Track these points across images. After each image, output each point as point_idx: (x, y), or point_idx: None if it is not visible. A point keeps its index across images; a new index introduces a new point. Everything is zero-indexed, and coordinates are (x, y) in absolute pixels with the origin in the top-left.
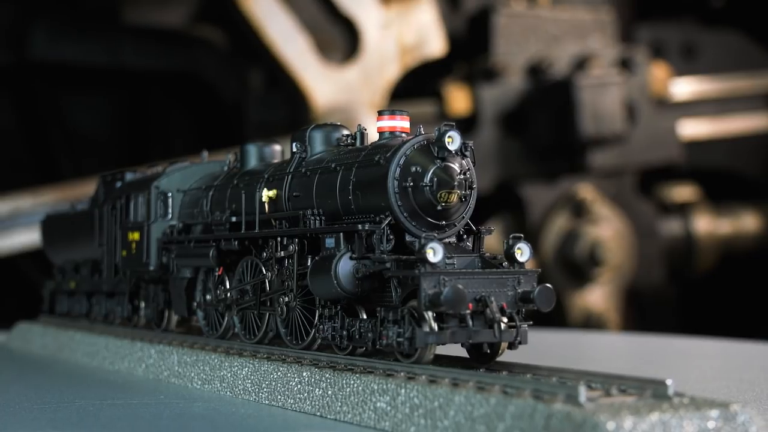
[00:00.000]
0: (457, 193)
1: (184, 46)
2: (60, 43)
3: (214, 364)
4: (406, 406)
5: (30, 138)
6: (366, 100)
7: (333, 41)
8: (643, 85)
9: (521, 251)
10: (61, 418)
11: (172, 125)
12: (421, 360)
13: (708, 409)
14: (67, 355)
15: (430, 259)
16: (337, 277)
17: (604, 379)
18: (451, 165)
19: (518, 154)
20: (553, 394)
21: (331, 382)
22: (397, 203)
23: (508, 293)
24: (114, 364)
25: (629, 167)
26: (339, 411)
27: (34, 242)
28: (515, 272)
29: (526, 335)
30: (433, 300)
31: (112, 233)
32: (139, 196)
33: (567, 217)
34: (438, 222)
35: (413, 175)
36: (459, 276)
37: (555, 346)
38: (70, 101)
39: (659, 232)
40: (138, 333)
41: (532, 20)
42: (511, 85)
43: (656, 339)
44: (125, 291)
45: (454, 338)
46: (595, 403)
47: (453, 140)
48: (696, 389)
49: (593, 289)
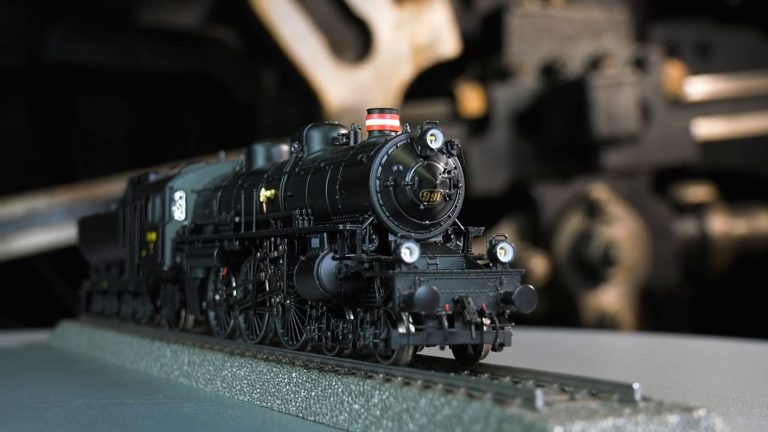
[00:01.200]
0: (440, 192)
1: (197, 46)
2: (75, 44)
3: (218, 365)
4: (377, 408)
5: (45, 139)
6: (379, 101)
7: (346, 42)
8: (658, 84)
9: (504, 251)
10: (48, 417)
11: (185, 125)
12: (398, 362)
13: (668, 414)
14: (97, 354)
15: (405, 259)
16: (319, 277)
17: (576, 382)
18: (435, 164)
19: (531, 154)
20: (512, 397)
21: (315, 383)
22: (379, 203)
23: (490, 294)
24: (134, 363)
25: (643, 167)
26: (318, 413)
27: (50, 242)
28: (496, 272)
29: (509, 337)
30: (407, 301)
31: (135, 234)
32: (156, 196)
33: (581, 218)
34: (421, 222)
35: (395, 174)
36: (436, 276)
37: (567, 347)
38: (85, 102)
39: (674, 233)
40: (158, 333)
41: (545, 20)
42: (524, 85)
43: (670, 340)
44: (144, 291)
45: (430, 340)
46: (551, 408)
47: (436, 138)
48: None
49: (607, 290)
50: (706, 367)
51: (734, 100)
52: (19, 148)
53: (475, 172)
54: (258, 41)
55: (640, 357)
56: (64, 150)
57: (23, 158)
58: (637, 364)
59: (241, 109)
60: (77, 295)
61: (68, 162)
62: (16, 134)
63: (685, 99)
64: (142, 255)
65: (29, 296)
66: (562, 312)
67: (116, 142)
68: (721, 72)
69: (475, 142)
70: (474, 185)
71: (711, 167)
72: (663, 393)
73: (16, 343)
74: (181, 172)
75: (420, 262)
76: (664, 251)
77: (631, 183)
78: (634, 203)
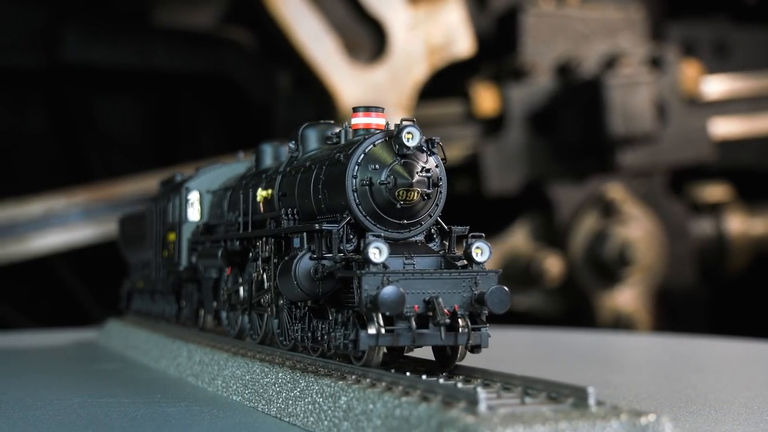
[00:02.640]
0: (416, 191)
1: (213, 47)
2: (92, 45)
3: (222, 364)
4: (341, 410)
5: (62, 139)
6: (393, 101)
7: (360, 42)
8: (674, 83)
9: (480, 251)
10: (39, 416)
11: (200, 126)
12: (369, 363)
13: (614, 418)
14: (130, 352)
15: (373, 259)
16: (297, 277)
17: (541, 386)
18: (412, 162)
19: (546, 154)
20: (458, 400)
21: (295, 384)
22: (355, 202)
23: (464, 295)
24: (157, 362)
25: (660, 167)
26: (293, 414)
27: (67, 243)
28: (470, 273)
29: (485, 338)
30: (374, 301)
31: (159, 234)
32: (175, 197)
33: (596, 217)
34: (399, 221)
35: (371, 173)
36: (406, 277)
37: (582, 348)
38: (101, 103)
39: (690, 233)
40: (180, 332)
41: (560, 19)
42: (539, 84)
43: (687, 340)
44: (168, 290)
45: (399, 341)
46: (494, 411)
47: (412, 136)
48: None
49: (623, 290)
50: (722, 368)
51: (751, 99)
52: (37, 148)
53: (490, 172)
54: (273, 42)
55: (655, 358)
56: (81, 150)
57: (41, 159)
58: (652, 365)
59: (256, 110)
60: (118, 293)
61: (85, 162)
62: (34, 135)
63: (701, 98)
64: (164, 255)
65: (46, 296)
66: (578, 312)
67: (132, 143)
68: (738, 71)
69: (490, 142)
70: (489, 185)
71: (728, 167)
72: (678, 395)
73: (66, 340)
74: (197, 173)
75: (396, 262)
76: (680, 251)
77: (647, 183)
78: (650, 203)
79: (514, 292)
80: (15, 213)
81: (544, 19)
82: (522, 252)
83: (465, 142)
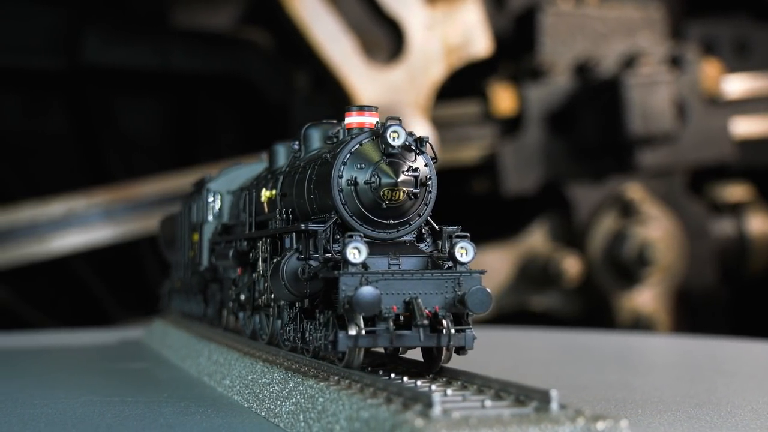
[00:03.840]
0: (402, 191)
1: (231, 48)
2: (112, 47)
3: (232, 364)
4: (316, 411)
5: (82, 141)
6: (411, 101)
7: (378, 42)
8: (694, 82)
9: (465, 251)
10: (34, 414)
11: (219, 126)
12: (350, 364)
13: (568, 422)
14: (165, 351)
15: (351, 260)
16: (283, 278)
17: (514, 389)
18: (398, 161)
19: (565, 154)
20: (415, 402)
21: (283, 386)
22: (341, 202)
23: (447, 296)
24: (183, 361)
25: (679, 166)
26: (278, 414)
27: (87, 243)
28: (453, 273)
29: (469, 339)
30: (350, 302)
31: (186, 234)
32: (199, 198)
33: (615, 218)
34: (386, 221)
35: (357, 173)
36: (386, 277)
37: (602, 348)
38: (121, 104)
39: (711, 233)
40: (206, 331)
41: (579, 19)
42: (557, 84)
43: (708, 341)
44: (195, 290)
45: (377, 342)
46: (447, 415)
47: (398, 135)
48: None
49: (642, 291)
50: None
51: None
52: (58, 150)
53: (508, 173)
54: (290, 42)
55: (676, 360)
56: (101, 151)
57: (61, 160)
58: (673, 367)
59: (274, 110)
60: (159, 293)
61: (105, 163)
62: (55, 137)
63: (722, 97)
64: (190, 255)
65: (67, 296)
66: (596, 313)
67: (152, 143)
68: (759, 69)
69: (508, 142)
70: (507, 185)
71: (749, 166)
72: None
73: (113, 338)
74: (219, 174)
75: (381, 263)
76: (700, 252)
77: (667, 183)
78: (670, 203)
79: (532, 292)
80: (36, 214)
81: (562, 18)
82: (540, 252)
83: (483, 142)
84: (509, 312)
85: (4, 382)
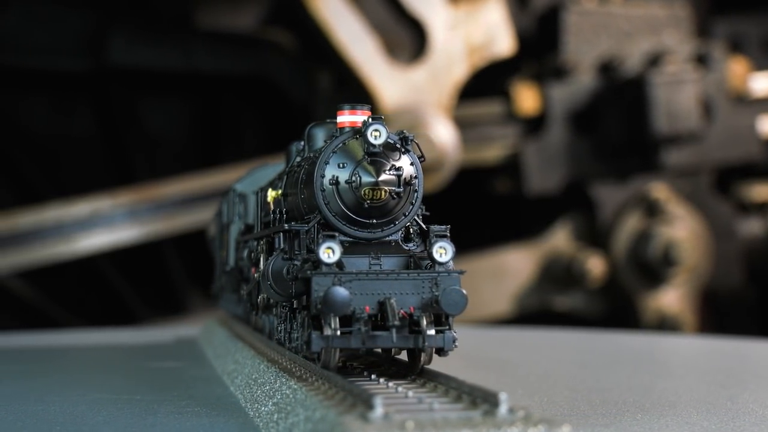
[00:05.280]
0: (384, 190)
1: (254, 49)
2: (137, 48)
3: (244, 363)
4: (285, 412)
5: (107, 141)
6: (434, 101)
7: (401, 42)
8: (721, 81)
9: (444, 251)
10: (31, 412)
11: (243, 127)
12: (326, 364)
13: (506, 427)
14: (208, 350)
15: (325, 259)
16: (269, 277)
17: (476, 392)
18: (380, 160)
19: (589, 154)
20: (361, 404)
21: (272, 385)
22: (324, 201)
23: (424, 296)
24: (216, 360)
25: (705, 165)
26: (261, 414)
27: (112, 243)
28: (430, 273)
29: (448, 341)
30: (321, 302)
31: (219, 234)
32: (227, 198)
33: (639, 217)
34: (368, 221)
35: (339, 172)
36: (360, 277)
37: (626, 349)
38: (146, 105)
39: (738, 233)
40: (240, 330)
41: (603, 17)
42: (581, 83)
43: (734, 342)
44: (231, 289)
45: (349, 342)
46: (387, 418)
47: (379, 134)
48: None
49: (667, 291)
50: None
51: None
52: (83, 151)
53: (531, 172)
54: (313, 43)
55: (702, 361)
56: (126, 152)
57: (87, 161)
58: (698, 369)
59: (297, 111)
60: (210, 292)
61: (130, 164)
62: (81, 138)
63: (749, 95)
64: (222, 255)
65: (93, 295)
66: (621, 313)
67: (176, 144)
68: None
69: (531, 141)
70: (530, 185)
71: None
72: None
73: (169, 336)
74: (246, 174)
75: (361, 263)
76: (727, 252)
77: (693, 182)
78: (696, 203)
79: (555, 293)
80: (62, 214)
81: (586, 17)
82: (563, 252)
83: (506, 141)
84: (532, 312)
85: (27, 380)
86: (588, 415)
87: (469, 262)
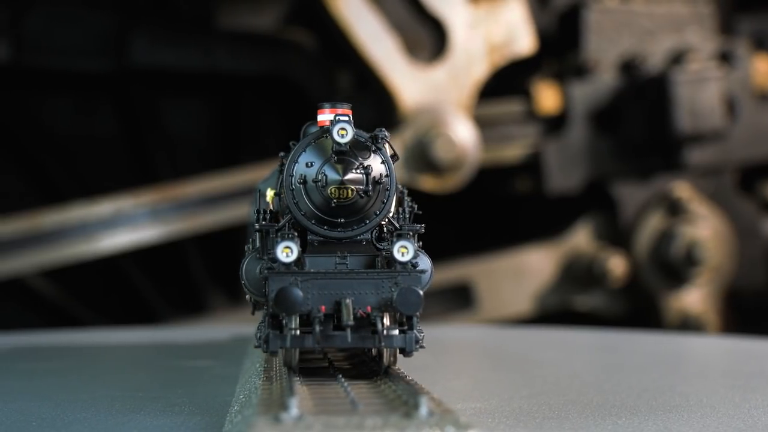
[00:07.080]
0: (351, 189)
1: (275, 49)
2: (159, 49)
3: (254, 362)
4: (240, 414)
5: (129, 141)
6: (454, 100)
7: (420, 41)
8: (745, 78)
9: (405, 250)
10: (27, 409)
11: (263, 127)
12: (288, 363)
13: (415, 429)
14: (249, 349)
15: (283, 259)
16: (242, 276)
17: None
18: (347, 159)
19: (610, 152)
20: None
21: (250, 386)
22: (293, 201)
23: (383, 296)
24: (243, 360)
25: (729, 164)
26: (230, 414)
27: (134, 242)
28: (389, 273)
29: (410, 341)
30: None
31: (247, 233)
32: (252, 197)
33: (661, 217)
34: (336, 220)
35: (306, 171)
36: (317, 277)
37: (649, 350)
38: (167, 105)
39: (762, 232)
40: None
41: (625, 15)
42: (602, 81)
43: (759, 343)
44: None
45: (303, 342)
46: (299, 419)
47: (346, 132)
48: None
49: (690, 291)
50: None
51: None
52: (106, 151)
53: (552, 171)
54: (333, 42)
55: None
56: (148, 152)
57: (109, 160)
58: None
59: (317, 110)
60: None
61: (151, 164)
62: (103, 138)
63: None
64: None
65: (116, 294)
66: (643, 313)
67: (198, 144)
68: None
69: (552, 140)
70: (550, 184)
71: None
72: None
73: (226, 334)
74: (270, 173)
75: (327, 262)
76: (751, 251)
77: (716, 181)
78: (719, 202)
79: (576, 292)
80: (85, 213)
81: (607, 15)
82: (584, 252)
83: (526, 140)
84: (553, 312)
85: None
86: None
87: (490, 262)
